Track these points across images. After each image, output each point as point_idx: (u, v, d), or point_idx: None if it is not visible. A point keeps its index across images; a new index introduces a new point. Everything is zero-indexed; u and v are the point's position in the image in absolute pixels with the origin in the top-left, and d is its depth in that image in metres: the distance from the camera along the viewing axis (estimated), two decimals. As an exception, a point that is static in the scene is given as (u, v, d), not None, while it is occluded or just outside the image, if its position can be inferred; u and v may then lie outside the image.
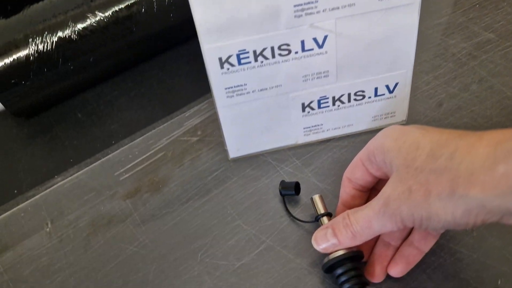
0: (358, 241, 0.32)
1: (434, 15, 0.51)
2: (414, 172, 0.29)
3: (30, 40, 0.43)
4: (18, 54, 0.43)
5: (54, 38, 0.43)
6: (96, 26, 0.44)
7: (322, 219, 0.36)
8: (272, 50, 0.35)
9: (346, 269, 0.33)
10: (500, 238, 0.36)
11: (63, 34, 0.43)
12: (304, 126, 0.41)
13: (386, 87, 0.39)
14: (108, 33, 0.45)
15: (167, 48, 0.51)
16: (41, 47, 0.43)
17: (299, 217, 0.38)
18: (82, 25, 0.44)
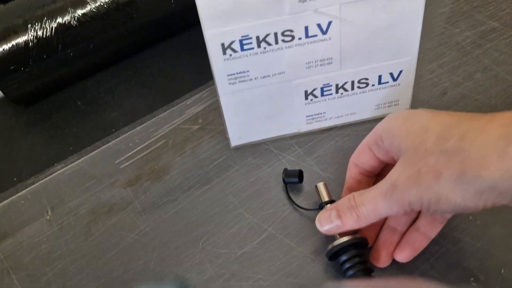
0: (363, 223, 0.31)
1: (438, 4, 0.50)
2: (423, 154, 0.28)
3: (29, 26, 0.42)
4: (17, 40, 0.42)
5: (54, 24, 0.43)
6: (96, 12, 0.44)
7: (326, 207, 0.35)
8: (275, 36, 0.34)
9: (350, 256, 0.33)
10: (503, 227, 0.36)
11: (63, 20, 0.43)
12: (306, 114, 0.40)
13: (390, 75, 0.39)
14: (108, 19, 0.44)
15: (168, 35, 0.51)
16: (40, 33, 0.42)
17: (302, 205, 0.38)
18: (82, 11, 0.43)
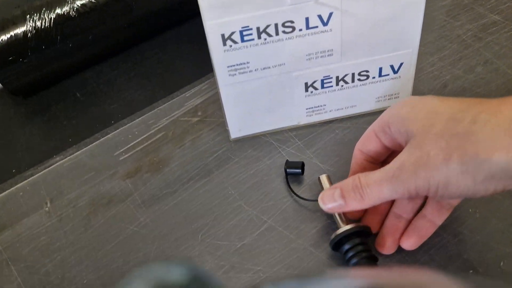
0: (366, 204, 0.31)
1: (439, -4, 0.50)
2: (433, 137, 0.28)
3: (28, 16, 0.42)
4: (16, 30, 0.42)
5: (53, 15, 0.42)
6: (95, 3, 0.43)
7: None
8: (276, 27, 0.34)
9: (353, 244, 0.33)
10: (503, 220, 0.36)
11: (62, 10, 0.43)
12: (306, 107, 0.40)
13: (391, 67, 0.39)
14: (107, 10, 0.44)
15: (168, 27, 0.51)
16: (39, 24, 0.42)
17: (306, 195, 0.38)
18: (81, 1, 0.43)
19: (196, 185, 0.40)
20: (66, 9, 0.43)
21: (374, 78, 0.39)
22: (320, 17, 0.34)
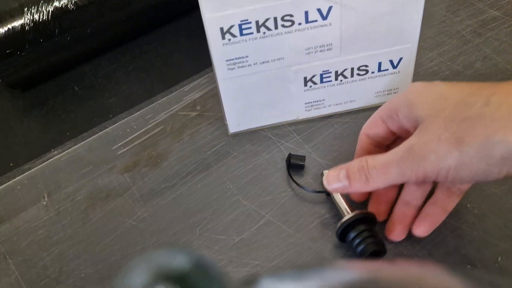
0: (370, 187, 0.30)
1: (439, -8, 0.50)
2: (444, 121, 0.27)
3: (26, 9, 0.42)
4: (13, 23, 0.41)
5: (50, 8, 0.42)
6: (93, -4, 0.43)
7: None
8: (275, 21, 0.34)
9: (359, 231, 0.33)
10: (501, 216, 0.36)
11: (60, 3, 0.42)
12: (305, 101, 0.40)
13: (390, 62, 0.39)
14: (106, 3, 0.44)
15: (167, 21, 0.50)
16: (36, 17, 0.42)
17: (303, 190, 0.38)
18: (79, -6, 0.43)
19: (194, 179, 0.40)
20: (64, 2, 0.42)
21: (373, 73, 0.39)
22: (319, 11, 0.34)
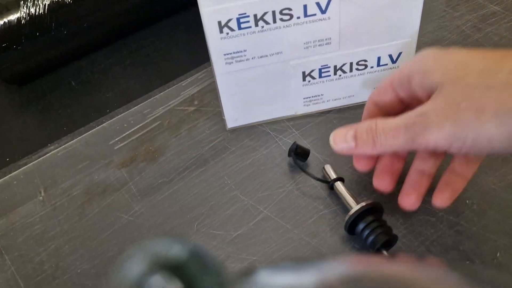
0: (377, 150, 0.29)
1: (438, -14, 0.49)
2: (465, 88, 0.25)
3: (22, 2, 0.41)
4: (9, 17, 0.41)
5: (47, 1, 0.42)
6: (90, -10, 0.43)
7: (336, 184, 0.36)
8: (273, 14, 0.34)
9: (368, 222, 0.32)
10: (499, 211, 0.36)
11: (56, -3, 0.42)
12: (304, 96, 0.40)
13: (389, 57, 0.38)
14: (103, -3, 0.43)
15: (164, 15, 0.50)
16: (33, 10, 0.41)
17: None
18: (75, -12, 0.42)
19: (192, 174, 0.39)
20: (60, -5, 0.42)
21: (372, 67, 0.39)
22: (318, 4, 0.34)
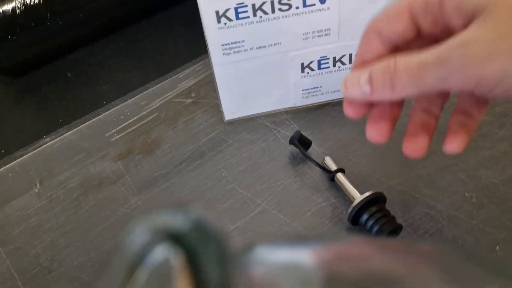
0: (397, 95, 0.23)
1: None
2: None
3: (17, -8, 0.41)
4: (4, 7, 0.40)
5: (42, -9, 0.41)
6: (86, -20, 0.42)
7: (337, 175, 0.35)
8: (272, 4, 0.33)
9: (372, 212, 0.32)
10: (499, 205, 0.35)
11: (52, -13, 0.41)
12: (303, 88, 0.39)
13: (389, 49, 0.38)
14: (99, -13, 0.43)
15: (161, 7, 0.49)
16: (28, 0, 0.41)
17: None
18: (71, -22, 0.42)
19: (189, 167, 0.39)
20: (56, -15, 0.41)
21: (371, 59, 0.38)
22: (317, -6, 0.33)
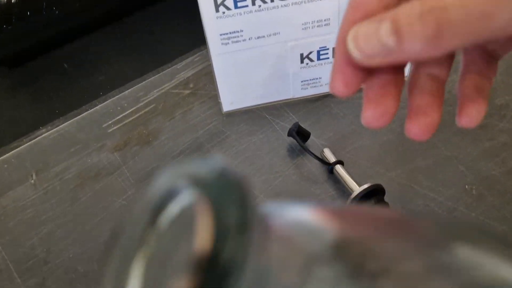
0: (443, 46, 0.16)
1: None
2: None
3: (12, -19, 0.40)
4: (-1, -4, 0.40)
5: (38, -20, 0.41)
6: (83, -31, 0.42)
7: (337, 167, 0.35)
8: (270, -7, 0.33)
9: (372, 203, 0.32)
10: (499, 197, 0.35)
11: (48, -24, 0.41)
12: (302, 79, 0.39)
13: (389, 39, 0.38)
14: (95, -24, 0.42)
15: (159, -3, 0.49)
16: (23, -11, 0.40)
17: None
18: (67, -33, 0.41)
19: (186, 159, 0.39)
20: (52, -26, 0.41)
21: (371, 50, 0.38)
22: (317, -17, 0.33)
